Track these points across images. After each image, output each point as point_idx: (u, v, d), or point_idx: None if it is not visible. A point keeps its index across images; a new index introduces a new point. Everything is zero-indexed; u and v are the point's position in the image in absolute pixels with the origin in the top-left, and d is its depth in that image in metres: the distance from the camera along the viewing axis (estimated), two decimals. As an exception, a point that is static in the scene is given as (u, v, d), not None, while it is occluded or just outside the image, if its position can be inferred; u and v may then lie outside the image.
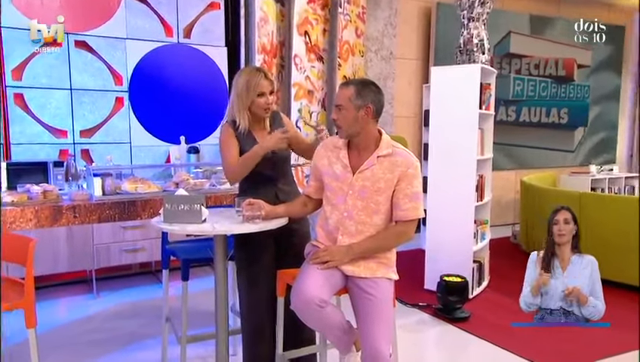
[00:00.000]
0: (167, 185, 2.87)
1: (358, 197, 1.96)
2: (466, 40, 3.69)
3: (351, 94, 1.94)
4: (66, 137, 3.79)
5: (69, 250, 3.55)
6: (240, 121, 2.19)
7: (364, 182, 1.96)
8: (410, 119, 5.71)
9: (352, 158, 2.01)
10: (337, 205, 2.00)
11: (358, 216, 1.97)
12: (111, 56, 3.91)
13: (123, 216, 2.55)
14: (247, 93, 2.16)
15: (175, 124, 4.20)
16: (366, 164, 1.97)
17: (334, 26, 4.78)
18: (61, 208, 2.38)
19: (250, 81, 2.16)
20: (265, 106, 2.19)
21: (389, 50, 5.46)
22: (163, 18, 4.10)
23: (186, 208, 1.93)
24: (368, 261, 1.99)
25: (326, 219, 2.05)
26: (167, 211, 1.94)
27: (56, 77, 3.72)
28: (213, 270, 2.13)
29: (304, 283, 1.87)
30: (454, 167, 3.64)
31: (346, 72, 4.96)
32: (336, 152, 2.04)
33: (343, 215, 1.98)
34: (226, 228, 1.90)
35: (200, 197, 1.95)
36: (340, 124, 1.97)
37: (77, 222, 2.42)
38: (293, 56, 4.58)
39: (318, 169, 2.09)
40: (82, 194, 2.52)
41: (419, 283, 3.85)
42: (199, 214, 1.94)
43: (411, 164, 1.96)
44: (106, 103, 3.93)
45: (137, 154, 4.08)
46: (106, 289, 3.75)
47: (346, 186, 1.98)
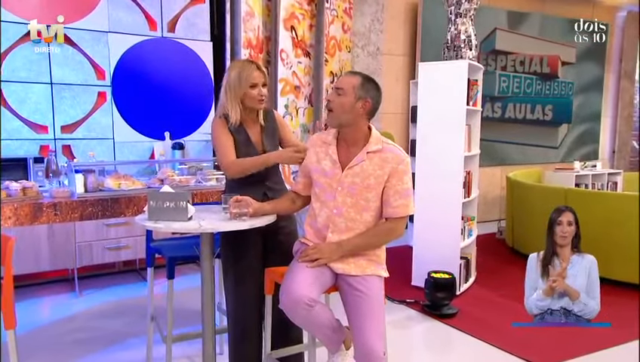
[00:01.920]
0: (151, 181, 2.81)
1: (348, 193, 1.94)
2: (454, 36, 3.67)
3: (356, 83, 1.91)
4: (47, 133, 3.70)
5: (51, 248, 3.46)
6: (232, 113, 2.15)
7: (354, 179, 1.93)
8: (397, 115, 5.70)
9: (341, 154, 1.98)
10: (326, 202, 1.97)
11: (348, 213, 1.94)
12: (93, 49, 3.82)
13: (106, 214, 2.49)
14: (240, 84, 2.13)
15: (159, 119, 4.13)
16: (355, 160, 1.94)
17: (321, 21, 4.75)
18: (41, 205, 2.31)
19: (242, 73, 2.13)
20: (258, 98, 2.15)
21: (376, 45, 5.44)
22: (147, 11, 4.02)
23: (172, 205, 1.88)
24: (358, 258, 1.96)
25: (315, 217, 2.02)
26: (152, 208, 1.89)
27: (35, 70, 3.63)
28: (200, 268, 2.09)
29: (293, 282, 1.83)
30: (442, 164, 3.63)
31: (333, 67, 4.93)
32: (324, 148, 2.01)
33: (332, 212, 1.96)
34: (212, 226, 1.85)
35: (185, 194, 1.90)
36: (333, 108, 1.93)
37: (58, 220, 2.36)
38: (279, 52, 4.55)
39: (306, 165, 2.06)
40: (63, 191, 2.45)
41: (406, 279, 3.84)
42: (185, 211, 1.89)
43: (402, 160, 1.94)
44: (88, 98, 3.85)
45: (120, 150, 4.00)
46: (89, 288, 3.68)
47: (335, 183, 1.95)
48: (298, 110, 4.78)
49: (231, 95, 2.15)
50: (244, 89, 2.13)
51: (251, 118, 2.22)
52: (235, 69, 2.16)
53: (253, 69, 2.15)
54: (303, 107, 4.83)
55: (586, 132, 7.36)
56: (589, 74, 7.25)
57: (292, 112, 4.70)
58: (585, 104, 7.27)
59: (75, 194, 2.46)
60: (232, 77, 2.15)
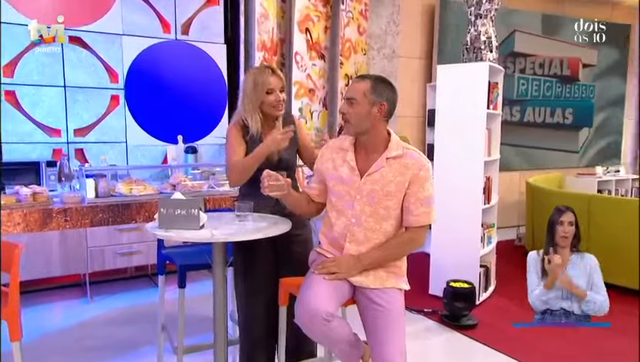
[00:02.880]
0: (163, 186, 2.77)
1: (367, 202, 1.85)
2: (474, 37, 3.57)
3: (366, 88, 1.82)
4: (60, 136, 3.67)
5: (62, 253, 3.43)
6: (252, 123, 2.09)
7: (373, 186, 1.84)
8: (413, 119, 5.62)
9: (359, 161, 1.89)
10: (344, 211, 1.88)
11: (367, 222, 1.85)
12: (106, 52, 3.79)
13: (117, 220, 2.44)
14: (256, 92, 2.07)
15: (172, 122, 4.08)
16: (375, 167, 1.85)
17: (336, 24, 4.69)
18: (51, 211, 2.26)
19: (257, 79, 2.08)
20: (275, 103, 2.09)
21: (392, 48, 5.36)
22: (160, 14, 3.98)
23: (183, 213, 1.81)
24: (377, 270, 1.88)
25: (331, 226, 1.93)
26: (163, 216, 1.83)
27: (49, 74, 3.60)
28: (212, 276, 2.01)
29: (310, 295, 1.75)
30: (460, 169, 3.53)
31: (348, 70, 4.87)
32: (342, 154, 1.92)
33: (350, 221, 1.87)
34: (225, 235, 1.78)
35: (197, 201, 1.83)
36: (349, 119, 1.84)
37: (68, 226, 2.31)
38: (294, 54, 4.50)
39: (321, 172, 1.97)
40: (74, 197, 2.41)
41: (423, 288, 3.74)
42: (197, 219, 1.82)
43: (423, 166, 1.85)
44: (101, 101, 3.81)
45: (133, 153, 3.96)
46: (100, 294, 3.63)
47: (353, 191, 1.86)
48: (312, 113, 4.71)
49: (249, 104, 2.09)
50: (260, 96, 2.07)
51: (270, 125, 2.16)
52: (250, 76, 2.11)
53: (268, 74, 2.09)
54: (317, 110, 4.76)
55: (608, 136, 7.18)
56: (611, 76, 7.08)
57: (306, 116, 4.64)
58: (606, 107, 7.09)
59: (85, 200, 2.42)
60: (247, 85, 2.09)
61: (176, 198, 1.87)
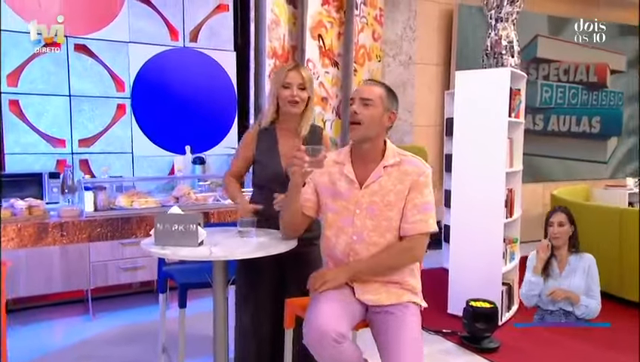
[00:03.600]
0: (166, 199, 2.71)
1: (367, 215, 1.78)
2: (494, 42, 3.48)
3: (383, 93, 1.81)
4: (64, 147, 3.65)
5: (64, 268, 3.38)
6: (266, 112, 2.15)
7: (372, 198, 1.78)
8: (430, 128, 5.51)
9: (357, 173, 1.84)
10: (344, 228, 1.81)
11: (369, 237, 1.78)
12: (112, 60, 3.77)
13: (116, 235, 2.39)
14: (274, 84, 2.10)
15: (180, 132, 4.05)
16: (372, 177, 1.80)
17: (350, 30, 4.64)
18: (47, 226, 2.21)
19: (279, 73, 2.11)
20: (289, 99, 2.07)
21: (408, 54, 5.29)
22: (168, 21, 3.96)
23: (180, 229, 1.74)
24: (389, 287, 1.80)
25: (332, 247, 1.86)
26: (159, 232, 1.76)
27: (54, 83, 3.58)
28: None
29: (319, 315, 1.66)
30: (481, 180, 3.41)
31: (362, 77, 4.79)
32: (338, 168, 1.86)
33: (351, 238, 1.80)
34: (225, 253, 1.70)
35: (196, 217, 1.75)
36: (362, 120, 1.78)
37: (64, 242, 2.25)
38: (306, 61, 4.45)
39: (316, 185, 1.90)
40: (72, 210, 2.36)
41: (442, 306, 3.60)
42: (195, 236, 1.74)
43: (422, 172, 1.80)
44: (107, 111, 3.79)
45: (140, 164, 3.92)
46: (103, 310, 3.57)
47: (352, 205, 1.80)
48: (325, 123, 4.64)
49: (270, 98, 2.15)
50: (277, 89, 2.09)
51: (288, 126, 2.13)
52: (273, 73, 2.19)
53: (288, 68, 2.11)
54: (330, 120, 4.68)
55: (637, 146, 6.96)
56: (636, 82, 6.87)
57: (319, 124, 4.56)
58: (636, 115, 6.88)
59: (84, 214, 2.36)
60: (271, 80, 2.20)
61: (173, 213, 1.80)
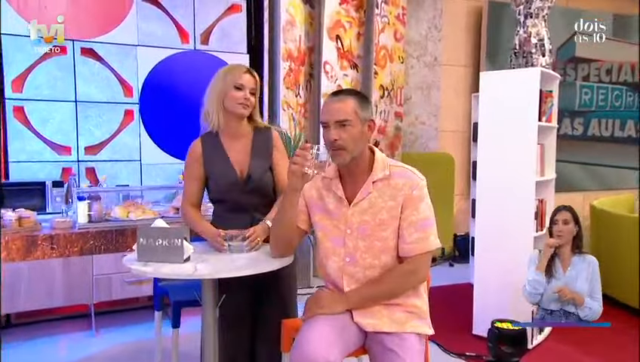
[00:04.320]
0: (166, 210, 2.66)
1: (359, 236, 1.68)
2: (523, 40, 3.33)
3: (356, 106, 1.68)
4: (70, 154, 3.66)
5: (66, 281, 3.31)
6: (212, 118, 2.03)
7: (363, 217, 1.68)
8: (457, 134, 5.39)
9: (346, 189, 1.73)
10: (335, 249, 1.72)
11: (363, 259, 1.68)
12: (120, 64, 3.78)
13: (110, 248, 2.36)
14: (224, 83, 1.99)
15: (190, 139, 3.93)
16: (361, 194, 1.69)
17: (370, 30, 4.59)
18: (36, 238, 2.18)
19: (228, 73, 2.00)
20: (240, 100, 1.97)
21: (433, 55, 5.20)
22: (178, 22, 3.96)
23: (165, 243, 1.67)
24: (393, 310, 1.69)
25: (324, 267, 1.78)
26: (142, 247, 1.69)
27: (60, 88, 3.61)
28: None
29: (308, 340, 1.58)
30: (508, 190, 3.26)
31: (384, 80, 4.71)
32: (326, 183, 1.77)
33: (344, 261, 1.70)
34: (210, 271, 1.62)
35: (181, 231, 1.68)
36: (344, 145, 1.67)
37: (55, 255, 2.23)
38: (323, 64, 4.42)
39: (306, 199, 1.81)
40: (64, 222, 2.34)
41: (466, 326, 3.44)
42: (180, 251, 1.67)
43: (416, 185, 1.68)
44: (115, 117, 3.80)
45: (148, 173, 3.90)
46: (106, 326, 3.52)
47: (342, 224, 1.71)
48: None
49: (213, 98, 2.03)
50: (227, 89, 1.98)
51: (234, 130, 2.04)
52: (221, 71, 2.05)
53: (242, 70, 2.01)
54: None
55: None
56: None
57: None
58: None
59: (76, 225, 2.33)
60: (216, 79, 2.02)
61: (157, 226, 1.73)
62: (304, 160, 1.63)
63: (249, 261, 1.73)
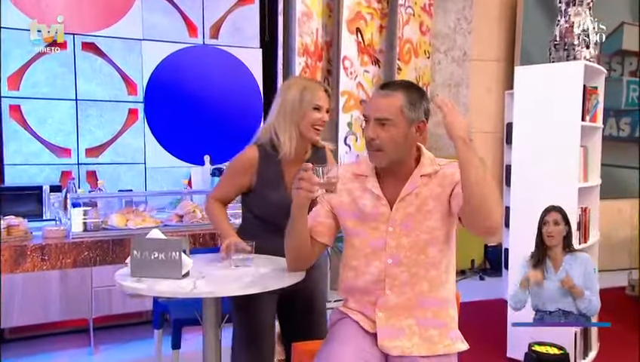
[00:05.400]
0: (168, 218, 2.59)
1: (402, 232, 1.60)
2: (564, 31, 3.23)
3: (402, 103, 1.58)
4: (69, 156, 3.64)
5: (63, 294, 3.30)
6: (285, 142, 1.95)
7: (407, 209, 1.60)
8: (489, 135, 5.34)
9: (384, 187, 1.65)
10: (376, 253, 1.63)
11: (408, 258, 1.60)
12: (124, 60, 3.76)
13: (106, 259, 2.30)
14: (302, 104, 1.93)
15: (199, 140, 4.02)
16: (408, 187, 1.61)
17: (393, 22, 4.57)
18: (25, 249, 2.12)
19: (305, 91, 1.95)
20: (318, 123, 1.95)
21: (463, 49, 5.18)
22: (186, 15, 3.94)
23: (161, 257, 1.59)
24: (426, 328, 1.61)
25: (356, 278, 1.67)
26: (136, 261, 1.61)
27: (59, 85, 3.59)
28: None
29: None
30: (546, 197, 3.15)
31: (408, 77, 4.66)
32: (360, 182, 1.68)
33: (387, 263, 1.62)
34: (211, 288, 1.53)
35: (180, 243, 1.59)
36: (381, 146, 1.58)
37: (45, 267, 2.17)
38: (342, 59, 4.39)
39: (334, 207, 1.72)
40: (57, 231, 2.29)
41: (500, 348, 3.33)
42: (178, 266, 1.58)
43: None
44: (118, 116, 3.78)
45: (153, 177, 3.89)
46: (106, 342, 3.48)
47: (382, 224, 1.62)
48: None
49: (286, 118, 1.95)
50: (305, 110, 1.93)
51: (300, 156, 2.01)
52: (294, 86, 1.99)
53: (319, 88, 1.97)
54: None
55: None
56: None
57: (357, 131, 4.41)
58: None
59: (70, 235, 2.27)
60: (290, 95, 1.95)
61: (152, 237, 1.64)
62: (309, 183, 1.54)
63: (255, 277, 1.64)
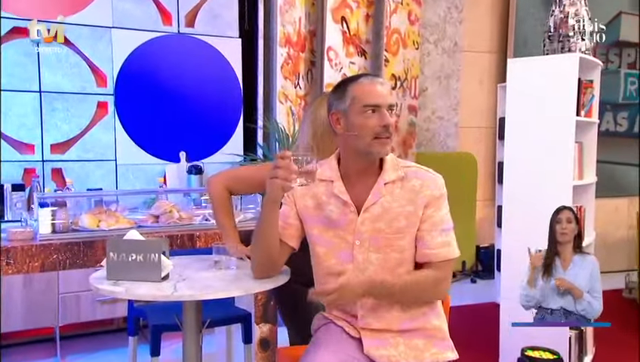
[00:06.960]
0: (143, 218, 2.62)
1: (371, 247, 1.65)
2: (559, 21, 3.32)
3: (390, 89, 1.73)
4: (33, 153, 3.65)
5: (27, 301, 3.33)
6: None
7: (375, 225, 1.64)
8: (481, 130, 5.42)
9: (351, 192, 1.69)
10: (343, 265, 1.67)
11: (377, 275, 1.64)
12: (92, 49, 3.77)
13: (77, 263, 2.32)
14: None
15: (174, 136, 4.05)
16: (372, 198, 1.65)
17: (380, 11, 4.63)
18: (-13, 252, 2.13)
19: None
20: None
21: (453, 40, 5.24)
22: (159, 1, 3.96)
23: (139, 259, 1.63)
24: (411, 336, 1.67)
25: None
26: (112, 263, 1.64)
27: (21, 76, 3.59)
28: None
29: None
30: (541, 195, 3.26)
31: (395, 69, 4.75)
32: (325, 186, 1.72)
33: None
34: (192, 291, 1.57)
35: (159, 244, 1.64)
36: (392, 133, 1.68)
37: (10, 272, 2.18)
38: (326, 50, 4.45)
39: (299, 210, 1.75)
40: (24, 233, 2.31)
41: (491, 353, 3.42)
42: (157, 268, 1.62)
43: (434, 184, 1.68)
44: (86, 110, 3.79)
45: (124, 174, 3.91)
46: (73, 352, 3.51)
47: (349, 235, 1.66)
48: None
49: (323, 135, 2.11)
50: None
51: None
52: None
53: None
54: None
55: None
56: None
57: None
58: None
59: (37, 236, 2.29)
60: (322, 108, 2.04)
61: (130, 238, 1.68)
62: (287, 172, 1.53)
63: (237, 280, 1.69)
